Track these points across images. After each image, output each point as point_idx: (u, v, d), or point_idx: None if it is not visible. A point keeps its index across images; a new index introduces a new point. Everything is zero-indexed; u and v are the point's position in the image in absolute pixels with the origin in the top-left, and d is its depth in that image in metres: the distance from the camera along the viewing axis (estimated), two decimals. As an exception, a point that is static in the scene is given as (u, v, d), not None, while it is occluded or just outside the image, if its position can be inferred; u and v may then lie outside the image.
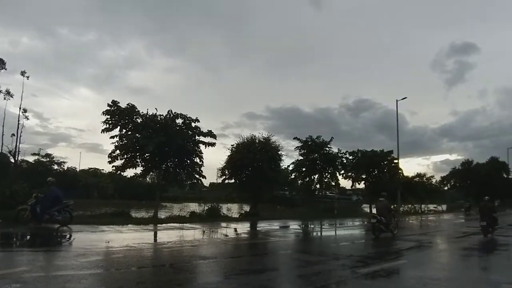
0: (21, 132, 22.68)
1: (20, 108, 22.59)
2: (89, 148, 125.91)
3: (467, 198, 49.14)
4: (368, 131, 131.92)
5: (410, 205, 40.39)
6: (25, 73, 22.61)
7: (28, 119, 23.63)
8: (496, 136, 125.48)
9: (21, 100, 22.53)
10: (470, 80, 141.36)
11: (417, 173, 44.55)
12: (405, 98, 36.08)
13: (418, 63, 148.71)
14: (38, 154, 48.49)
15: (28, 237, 11.43)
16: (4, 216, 13.37)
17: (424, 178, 44.13)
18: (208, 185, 47.15)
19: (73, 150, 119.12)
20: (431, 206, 46.76)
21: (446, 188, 58.85)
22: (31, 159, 47.36)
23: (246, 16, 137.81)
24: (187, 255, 8.88)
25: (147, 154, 18.92)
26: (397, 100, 35.93)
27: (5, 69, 22.03)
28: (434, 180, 47.58)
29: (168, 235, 13.01)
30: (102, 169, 59.80)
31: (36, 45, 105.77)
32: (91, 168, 62.05)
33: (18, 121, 22.49)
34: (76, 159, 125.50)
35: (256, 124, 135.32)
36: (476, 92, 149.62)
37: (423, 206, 43.31)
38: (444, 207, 48.93)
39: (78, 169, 56.74)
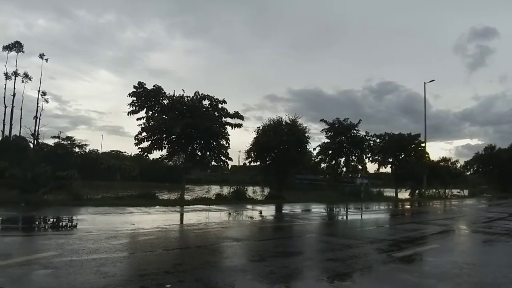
0: (40, 115, 22.76)
1: (39, 91, 22.74)
2: (110, 131, 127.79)
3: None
4: (392, 114, 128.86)
5: (434, 190, 39.73)
6: (44, 55, 22.74)
7: (47, 102, 23.81)
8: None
9: (40, 83, 22.70)
10: (491, 65, 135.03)
11: (443, 157, 43.72)
12: (433, 80, 35.95)
13: (441, 46, 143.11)
14: (58, 137, 49.11)
15: (54, 220, 11.31)
16: (27, 200, 13.39)
17: (449, 163, 43.34)
18: (230, 168, 47.17)
19: (93, 133, 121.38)
20: (454, 191, 45.87)
21: (468, 173, 57.55)
22: (51, 142, 48.10)
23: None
24: (219, 237, 8.88)
25: (173, 136, 18.91)
26: (424, 83, 35.28)
27: (23, 51, 22.08)
28: (458, 165, 46.64)
29: (196, 217, 12.99)
30: (125, 152, 60.94)
31: (53, 27, 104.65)
32: (113, 151, 62.97)
33: (37, 104, 22.57)
34: (97, 142, 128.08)
35: (277, 106, 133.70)
36: (497, 77, 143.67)
37: (446, 190, 42.56)
38: (466, 192, 47.86)
39: (100, 152, 57.58)
